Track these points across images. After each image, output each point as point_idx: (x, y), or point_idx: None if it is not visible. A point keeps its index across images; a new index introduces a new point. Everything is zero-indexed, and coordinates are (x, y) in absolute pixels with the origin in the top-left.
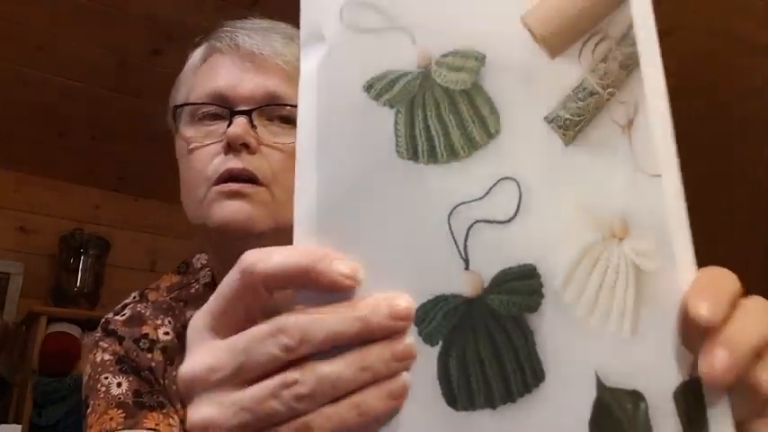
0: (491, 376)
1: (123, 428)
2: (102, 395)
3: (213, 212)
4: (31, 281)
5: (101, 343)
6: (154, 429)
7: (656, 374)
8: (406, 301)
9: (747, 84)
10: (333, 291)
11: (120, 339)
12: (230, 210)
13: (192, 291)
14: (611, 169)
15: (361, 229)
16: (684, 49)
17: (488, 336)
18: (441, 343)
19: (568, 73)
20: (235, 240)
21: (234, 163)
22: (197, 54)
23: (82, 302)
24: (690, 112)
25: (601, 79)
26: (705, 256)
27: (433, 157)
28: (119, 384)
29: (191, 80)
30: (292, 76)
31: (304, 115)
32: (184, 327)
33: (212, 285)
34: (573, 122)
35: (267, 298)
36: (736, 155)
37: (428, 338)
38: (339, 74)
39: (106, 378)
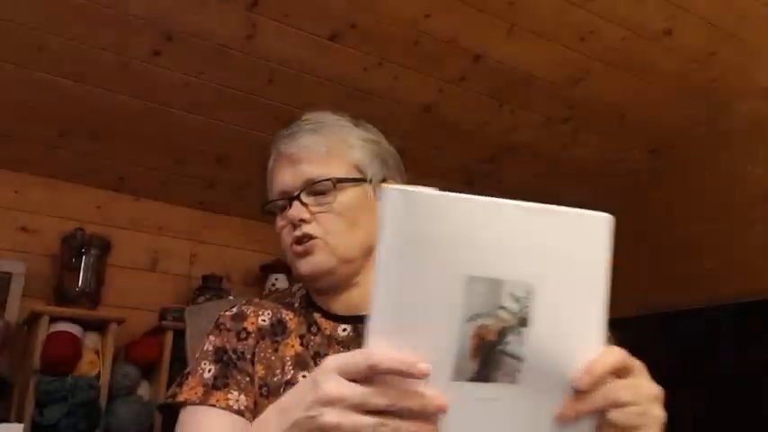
0: None
1: (199, 402)
2: (198, 374)
3: (295, 267)
4: (33, 281)
5: (210, 336)
6: (212, 405)
7: None
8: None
9: (747, 84)
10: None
11: (222, 331)
12: (302, 264)
13: (287, 301)
14: None
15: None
16: (684, 49)
17: None
18: None
19: None
20: (314, 282)
21: (297, 232)
22: (270, 161)
23: (83, 302)
24: (690, 112)
25: None
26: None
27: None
28: (210, 370)
29: (271, 179)
30: (313, 160)
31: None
32: (279, 321)
33: (306, 297)
34: None
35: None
36: (736, 154)
37: None
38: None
39: (205, 364)
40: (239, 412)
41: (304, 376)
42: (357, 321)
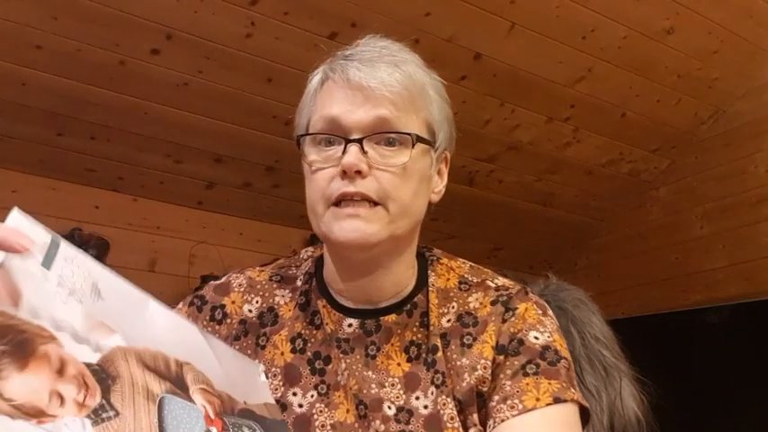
0: None
1: None
2: None
3: (332, 231)
4: None
5: (182, 304)
6: None
7: None
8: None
9: (749, 83)
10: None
11: (194, 305)
12: (347, 230)
13: (290, 273)
14: None
15: None
16: (686, 48)
17: None
18: None
19: None
20: (352, 251)
21: (349, 187)
22: (314, 81)
23: None
24: (691, 112)
25: None
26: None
27: None
28: None
29: (310, 105)
30: (396, 102)
31: None
32: (270, 309)
33: (313, 276)
34: None
35: None
36: (736, 154)
37: None
38: None
39: None
40: None
41: (294, 394)
42: (366, 316)
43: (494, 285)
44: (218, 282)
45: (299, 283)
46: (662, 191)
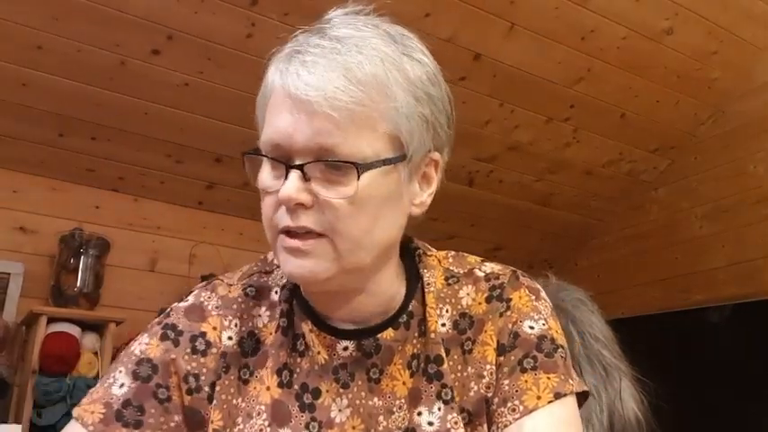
0: None
1: (92, 430)
2: (106, 384)
3: (281, 262)
4: (31, 281)
5: (145, 335)
6: None
7: None
8: None
9: (748, 83)
10: None
11: (167, 338)
12: (293, 266)
13: (263, 281)
14: None
15: None
16: (685, 49)
17: None
18: None
19: None
20: (308, 287)
21: (290, 221)
22: (267, 83)
23: (82, 303)
24: (691, 112)
25: None
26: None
27: None
28: (121, 385)
29: (262, 114)
30: (341, 121)
31: None
32: (250, 333)
33: (290, 289)
34: None
35: None
36: (736, 154)
37: None
38: None
39: (120, 372)
40: None
41: None
42: (362, 336)
43: (483, 275)
44: (185, 304)
45: (274, 295)
46: (661, 191)
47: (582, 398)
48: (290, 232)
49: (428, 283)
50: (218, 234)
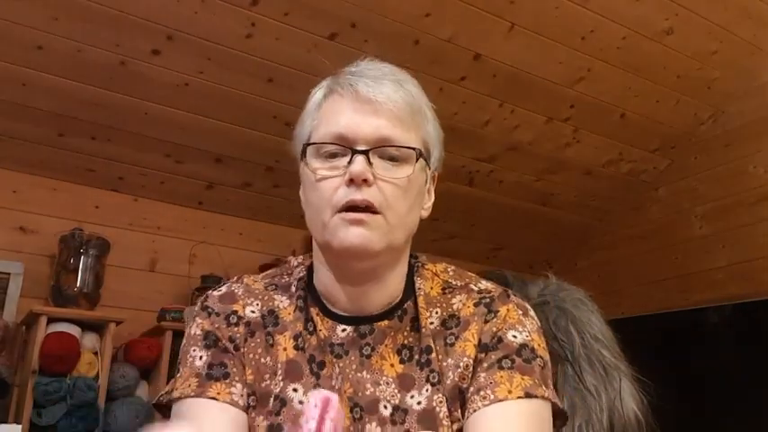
0: None
1: (194, 395)
2: (188, 364)
3: (338, 236)
4: (31, 281)
5: (197, 318)
6: (213, 398)
7: None
8: None
9: (748, 83)
10: None
11: (210, 314)
12: (353, 235)
13: (284, 281)
14: None
15: None
16: (685, 49)
17: None
18: None
19: None
20: (354, 259)
21: (356, 195)
22: (318, 94)
23: (82, 303)
24: (691, 112)
25: None
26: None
27: None
28: (200, 357)
29: (314, 117)
30: (400, 118)
31: None
32: (270, 311)
33: (306, 281)
34: None
35: None
36: (736, 154)
37: None
38: None
39: (194, 350)
40: (245, 410)
41: (295, 390)
42: (359, 322)
43: (476, 289)
44: (219, 293)
45: (293, 289)
46: (662, 191)
47: (560, 418)
48: (351, 208)
49: (419, 288)
50: (218, 234)
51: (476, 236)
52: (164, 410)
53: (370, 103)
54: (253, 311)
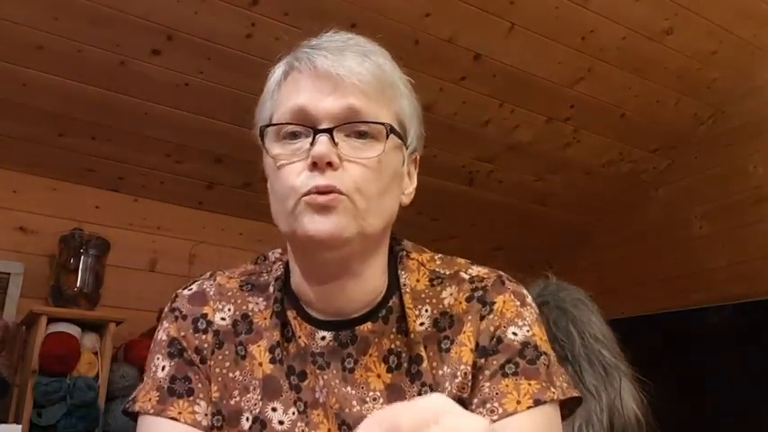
0: None
1: (154, 413)
2: (152, 374)
3: (304, 223)
4: (31, 281)
5: (164, 321)
6: (174, 418)
7: None
8: None
9: (748, 83)
10: None
11: (177, 318)
12: (318, 223)
13: (262, 280)
14: None
15: None
16: (685, 49)
17: None
18: None
19: None
20: (321, 249)
21: (320, 180)
22: (278, 72)
23: (82, 303)
24: (691, 112)
25: None
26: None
27: None
28: (163, 368)
29: (273, 98)
30: (366, 92)
31: None
32: (243, 316)
33: (283, 280)
34: None
35: None
36: (736, 154)
37: None
38: None
39: (158, 359)
40: (208, 430)
41: (274, 409)
42: (340, 327)
43: (467, 277)
44: (189, 291)
45: (271, 289)
46: (661, 191)
47: (574, 403)
48: (318, 192)
49: (404, 284)
50: (218, 234)
51: (475, 236)
52: (133, 417)
53: (331, 78)
54: (223, 318)
